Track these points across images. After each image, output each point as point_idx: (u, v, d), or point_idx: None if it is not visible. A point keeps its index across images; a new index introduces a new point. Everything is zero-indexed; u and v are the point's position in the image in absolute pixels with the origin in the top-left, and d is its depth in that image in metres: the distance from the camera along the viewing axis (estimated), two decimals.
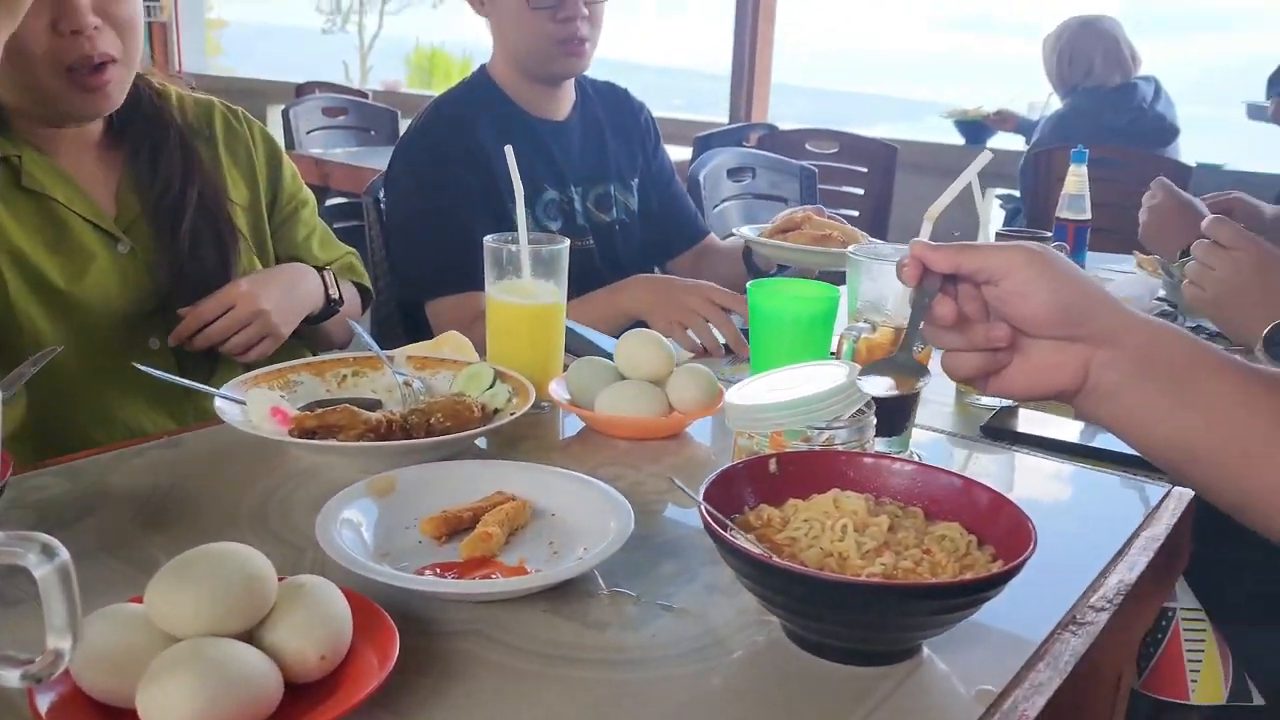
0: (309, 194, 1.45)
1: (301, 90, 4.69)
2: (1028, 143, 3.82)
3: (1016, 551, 0.64)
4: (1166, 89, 3.41)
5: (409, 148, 1.60)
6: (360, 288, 1.46)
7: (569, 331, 1.18)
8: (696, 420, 1.05)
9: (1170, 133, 3.34)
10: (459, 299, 1.49)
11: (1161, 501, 0.94)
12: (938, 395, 1.24)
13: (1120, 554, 0.84)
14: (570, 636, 0.68)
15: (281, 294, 1.26)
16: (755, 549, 0.66)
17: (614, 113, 1.75)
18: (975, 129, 4.22)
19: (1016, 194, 3.72)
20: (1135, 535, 0.87)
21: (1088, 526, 0.90)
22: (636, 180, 1.74)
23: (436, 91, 1.87)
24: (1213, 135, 4.22)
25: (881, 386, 0.77)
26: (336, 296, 1.34)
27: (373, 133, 3.89)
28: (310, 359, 1.09)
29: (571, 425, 1.09)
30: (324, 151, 3.59)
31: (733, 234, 1.76)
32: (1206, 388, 0.73)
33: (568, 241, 1.11)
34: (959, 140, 4.29)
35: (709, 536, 0.66)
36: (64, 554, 0.46)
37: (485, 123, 1.57)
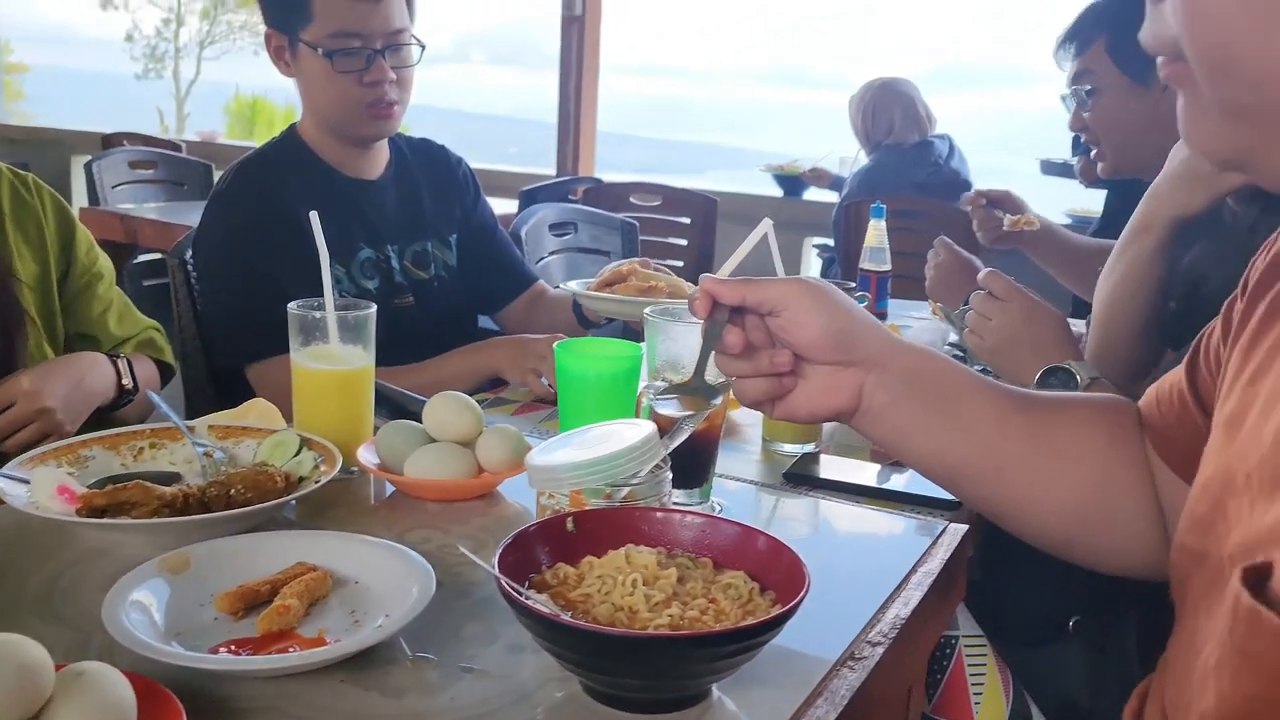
0: (106, 265, 1.39)
1: (109, 141, 4.49)
2: (840, 196, 4.04)
3: (794, 594, 0.69)
4: (967, 143, 3.68)
5: (216, 209, 1.57)
6: (162, 364, 1.42)
7: (383, 394, 1.18)
8: (508, 479, 1.07)
9: (964, 186, 3.60)
10: (282, 360, 1.47)
11: (938, 538, 1.02)
12: (744, 445, 1.31)
13: (898, 590, 0.90)
14: (368, 706, 0.69)
15: (69, 388, 1.21)
16: (546, 608, 0.68)
17: (430, 170, 1.76)
18: (792, 182, 4.43)
19: (833, 243, 3.92)
20: (913, 571, 0.94)
21: (873, 565, 0.97)
22: (455, 236, 1.76)
23: (258, 141, 1.84)
24: (1008, 186, 4.54)
25: (673, 408, 0.82)
26: (130, 385, 1.29)
27: (185, 187, 3.77)
28: (103, 432, 1.06)
29: (383, 489, 1.09)
30: (132, 207, 3.44)
31: (559, 287, 1.80)
32: (965, 406, 0.81)
33: (374, 307, 1.12)
34: (778, 192, 4.49)
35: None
36: None
37: (294, 183, 1.56)
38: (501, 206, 3.27)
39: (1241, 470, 0.57)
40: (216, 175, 3.90)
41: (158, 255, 2.71)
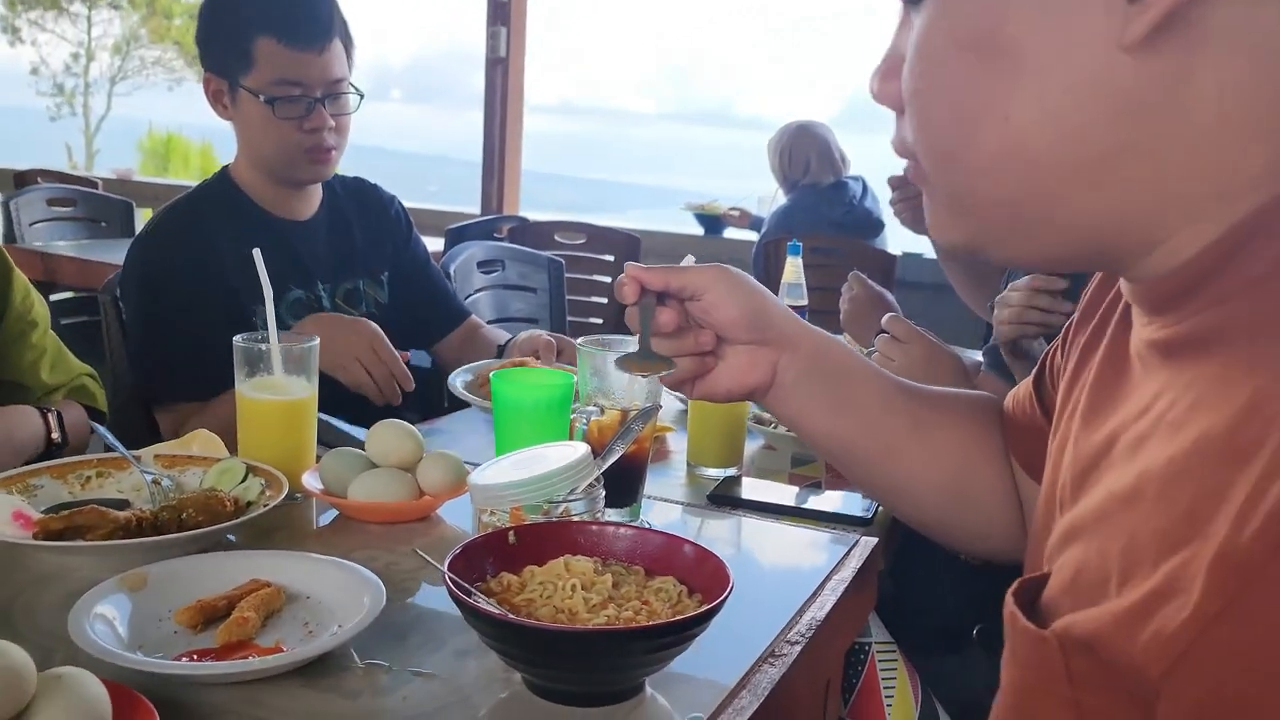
0: (41, 313, 1.40)
1: (22, 179, 4.42)
2: (759, 234, 4.18)
3: (719, 594, 0.76)
4: (876, 186, 3.85)
5: (141, 251, 1.60)
6: (94, 410, 1.43)
7: (323, 424, 1.23)
8: (447, 501, 1.12)
9: (877, 225, 3.75)
10: (188, 408, 1.51)
11: (850, 549, 1.10)
12: (671, 469, 1.38)
13: (814, 595, 0.98)
14: (326, 706, 0.74)
15: None
16: (494, 610, 0.74)
17: (363, 208, 1.81)
18: (712, 221, 4.56)
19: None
20: (828, 579, 1.02)
21: (791, 574, 1.05)
22: (387, 274, 1.80)
23: (173, 178, 1.86)
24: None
25: (625, 376, 0.95)
26: (59, 439, 1.31)
27: (104, 224, 3.73)
28: (51, 462, 1.08)
29: (326, 514, 1.13)
30: (49, 245, 3.41)
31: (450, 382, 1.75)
32: (860, 389, 0.90)
33: (317, 339, 1.17)
34: (699, 230, 4.62)
35: (455, 605, 0.74)
36: None
37: (224, 226, 1.60)
38: (428, 245, 3.31)
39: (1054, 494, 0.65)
40: (137, 213, 3.88)
41: (74, 294, 2.68)
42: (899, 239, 3.90)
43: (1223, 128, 0.48)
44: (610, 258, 3.69)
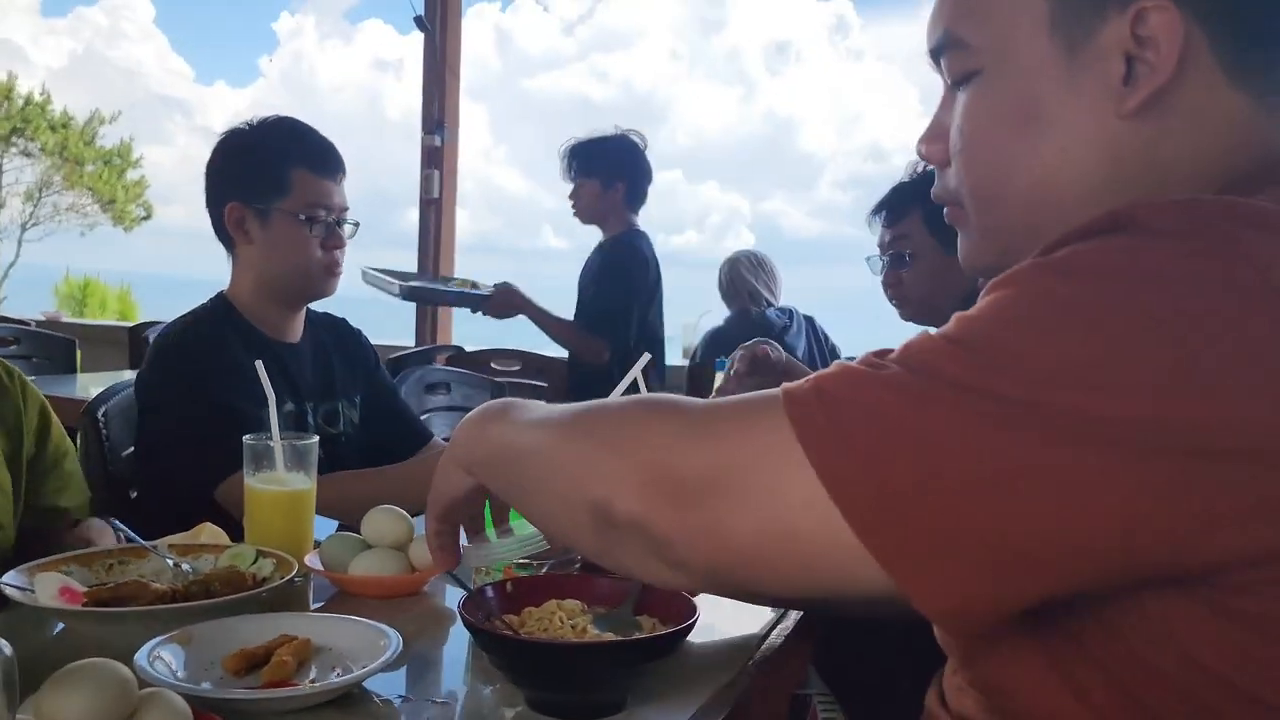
0: (68, 441, 1.54)
1: None
2: (684, 356, 4.43)
3: (688, 620, 0.93)
4: (806, 311, 4.14)
5: (170, 357, 1.73)
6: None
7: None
8: (434, 577, 1.26)
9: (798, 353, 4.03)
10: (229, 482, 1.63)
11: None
12: None
13: (764, 637, 1.14)
14: None
15: None
16: (506, 631, 0.89)
17: (338, 338, 2.00)
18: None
19: None
20: (774, 626, 1.18)
21: (742, 620, 1.21)
22: (359, 397, 1.98)
23: (92, 319, 1.99)
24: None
25: None
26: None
27: (48, 361, 3.81)
28: (76, 552, 1.20)
29: (323, 594, 1.26)
30: None
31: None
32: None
33: (317, 438, 1.32)
34: None
35: (466, 638, 0.89)
36: (7, 648, 0.62)
37: (227, 341, 1.76)
38: None
39: None
40: (82, 349, 3.96)
41: None
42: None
43: (1172, 177, 0.68)
44: (544, 384, 3.88)
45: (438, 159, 5.05)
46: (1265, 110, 0.69)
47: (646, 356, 1.25)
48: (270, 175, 1.77)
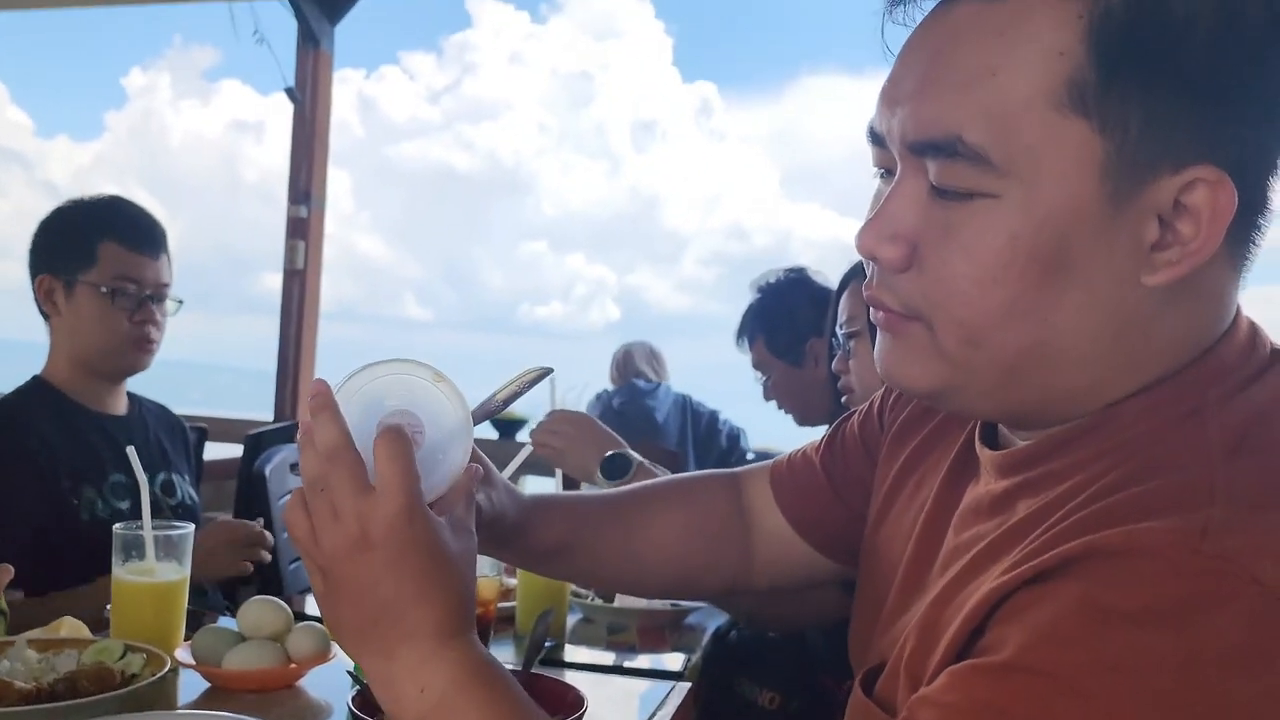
0: None
1: None
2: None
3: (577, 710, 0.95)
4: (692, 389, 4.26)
5: None
6: None
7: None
8: (313, 669, 1.24)
9: (656, 428, 4.12)
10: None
11: (668, 694, 1.30)
12: (494, 643, 1.54)
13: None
14: None
15: None
16: None
17: (162, 420, 1.97)
18: (507, 425, 4.79)
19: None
20: (655, 713, 1.21)
21: (628, 709, 1.23)
22: (189, 477, 1.95)
23: None
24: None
25: None
26: None
27: None
28: None
29: (193, 688, 1.22)
30: None
31: None
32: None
33: (192, 526, 1.29)
34: (493, 434, 4.82)
35: None
36: None
37: (42, 424, 1.71)
38: (226, 450, 3.35)
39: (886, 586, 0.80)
40: None
41: None
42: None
43: (1161, 347, 0.63)
44: None
45: (303, 230, 4.97)
46: (1238, 275, 0.65)
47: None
48: (79, 247, 1.76)
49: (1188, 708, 0.52)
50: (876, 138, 0.67)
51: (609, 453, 1.62)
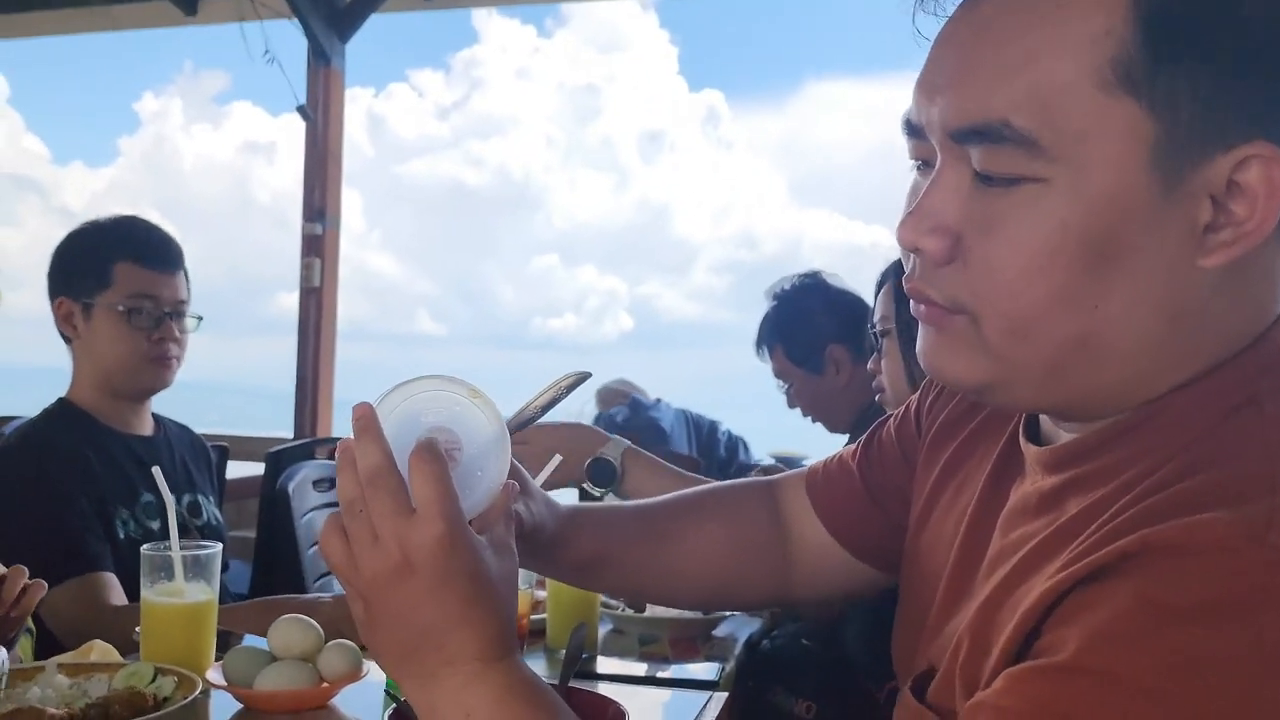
0: None
1: None
2: None
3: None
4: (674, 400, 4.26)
5: (4, 465, 1.68)
6: None
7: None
8: (345, 687, 1.23)
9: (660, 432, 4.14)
10: (79, 581, 1.57)
11: (705, 705, 1.28)
12: (534, 653, 1.52)
13: None
14: None
15: None
16: None
17: (184, 440, 1.97)
18: None
19: None
20: None
21: None
22: (214, 497, 1.96)
23: None
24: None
25: None
26: None
27: None
28: None
29: (225, 710, 1.21)
30: None
31: None
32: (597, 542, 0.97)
33: (220, 546, 1.28)
34: None
35: None
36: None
37: (78, 439, 1.72)
38: (247, 469, 3.36)
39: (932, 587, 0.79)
40: None
41: None
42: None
43: (1213, 336, 0.62)
44: None
45: (318, 247, 4.98)
46: None
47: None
48: (94, 269, 1.77)
49: (1268, 703, 0.50)
50: (913, 129, 0.66)
51: (588, 459, 1.54)
